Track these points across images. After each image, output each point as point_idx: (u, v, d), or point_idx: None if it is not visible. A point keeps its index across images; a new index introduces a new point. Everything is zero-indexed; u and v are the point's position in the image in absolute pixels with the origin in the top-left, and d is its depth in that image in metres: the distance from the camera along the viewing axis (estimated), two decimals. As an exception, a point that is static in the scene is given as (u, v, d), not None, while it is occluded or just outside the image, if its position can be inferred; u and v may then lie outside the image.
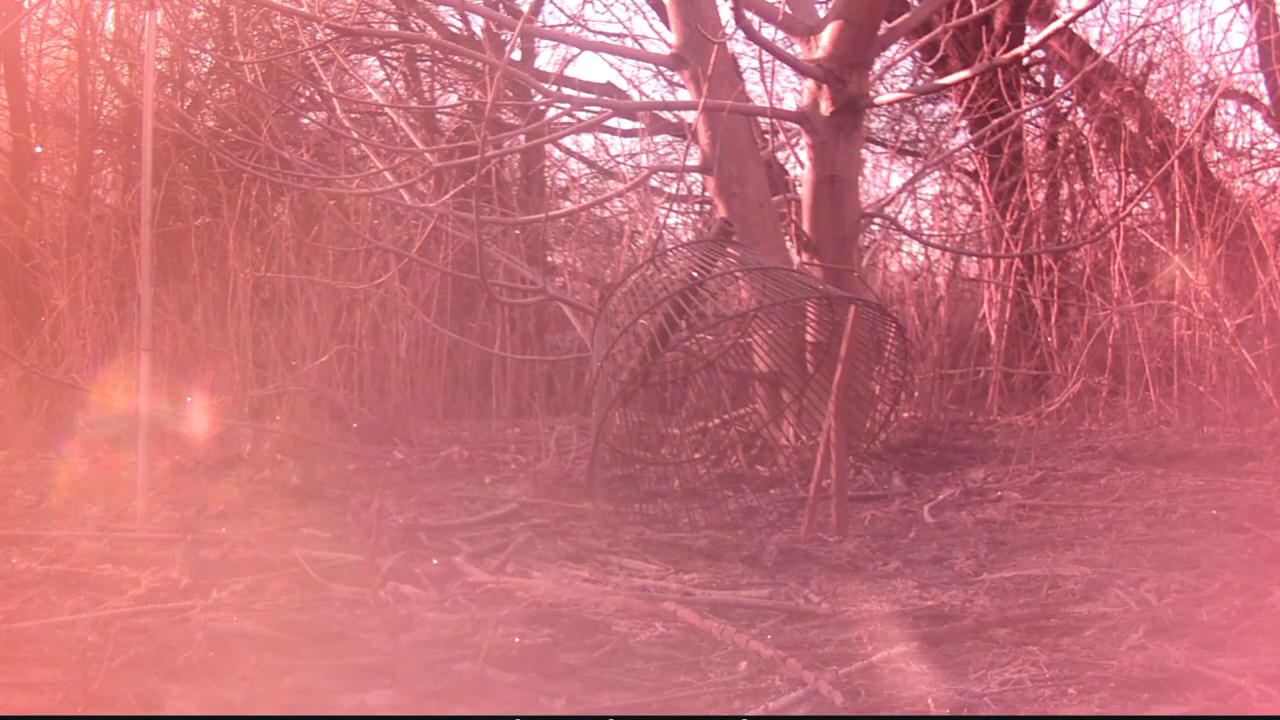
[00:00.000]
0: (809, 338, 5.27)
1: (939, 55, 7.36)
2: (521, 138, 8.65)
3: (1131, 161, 7.94)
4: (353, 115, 8.92)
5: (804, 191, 6.03)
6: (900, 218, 8.32)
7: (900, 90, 9.12)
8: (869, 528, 4.31)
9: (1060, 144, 9.33)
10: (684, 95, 6.66)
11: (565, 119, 7.44)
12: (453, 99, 10.86)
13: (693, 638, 2.87)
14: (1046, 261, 7.82)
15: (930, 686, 2.44)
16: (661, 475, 4.91)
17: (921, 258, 9.01)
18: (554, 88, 7.07)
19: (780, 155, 8.25)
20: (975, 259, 8.62)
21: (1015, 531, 4.18)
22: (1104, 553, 3.69)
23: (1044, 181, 9.09)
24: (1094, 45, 8.51)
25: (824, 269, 5.64)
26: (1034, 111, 8.97)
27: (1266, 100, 8.36)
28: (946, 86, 7.23)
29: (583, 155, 10.50)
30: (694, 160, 6.03)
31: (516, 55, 9.82)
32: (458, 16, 10.14)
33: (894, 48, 7.58)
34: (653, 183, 8.45)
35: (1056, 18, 8.04)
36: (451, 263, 7.39)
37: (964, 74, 6.58)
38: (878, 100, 6.86)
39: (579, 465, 5.35)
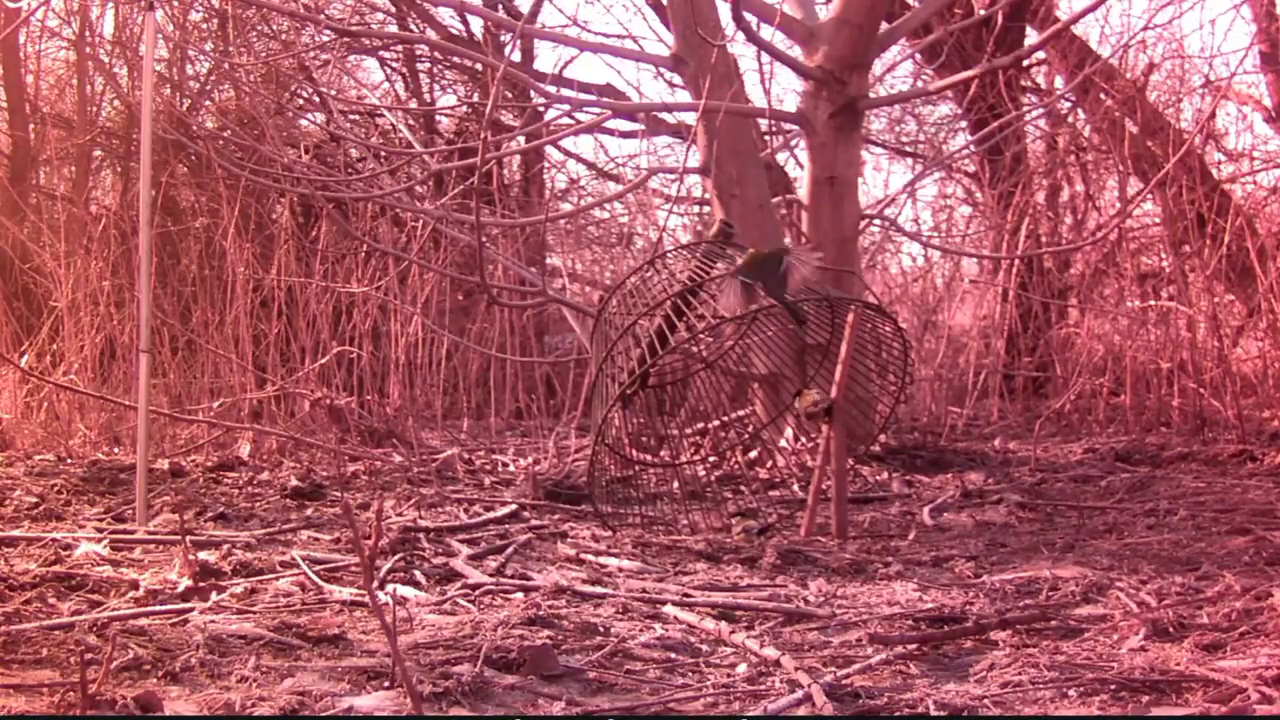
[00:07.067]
0: (809, 339, 5.27)
1: (941, 60, 7.35)
2: (521, 139, 8.65)
3: (1132, 163, 7.94)
4: (351, 117, 8.90)
5: (804, 193, 6.03)
6: (900, 219, 8.33)
7: (900, 91, 9.12)
8: (868, 529, 4.31)
9: (1060, 145, 9.33)
10: (684, 96, 6.66)
11: (565, 120, 7.43)
12: (451, 100, 10.87)
13: (692, 639, 2.86)
14: (1047, 263, 7.82)
15: (930, 688, 2.44)
16: (661, 477, 4.91)
17: (921, 260, 9.02)
18: (553, 89, 7.07)
19: (780, 157, 8.25)
20: (976, 260, 8.62)
21: (1015, 533, 4.18)
22: (1104, 554, 3.68)
23: (1044, 183, 9.10)
24: (1094, 47, 8.52)
25: (824, 270, 5.64)
26: (1034, 113, 8.97)
27: (1267, 101, 8.36)
28: (946, 88, 7.23)
29: (582, 157, 10.52)
30: (694, 162, 6.03)
31: (516, 56, 9.82)
32: (457, 17, 10.14)
33: (894, 49, 7.58)
34: (653, 184, 8.45)
35: (1057, 20, 8.04)
36: (451, 264, 7.39)
37: (964, 75, 6.57)
38: (877, 101, 6.86)
39: (578, 467, 5.35)
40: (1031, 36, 8.90)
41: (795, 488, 5.09)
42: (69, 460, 5.40)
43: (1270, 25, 7.99)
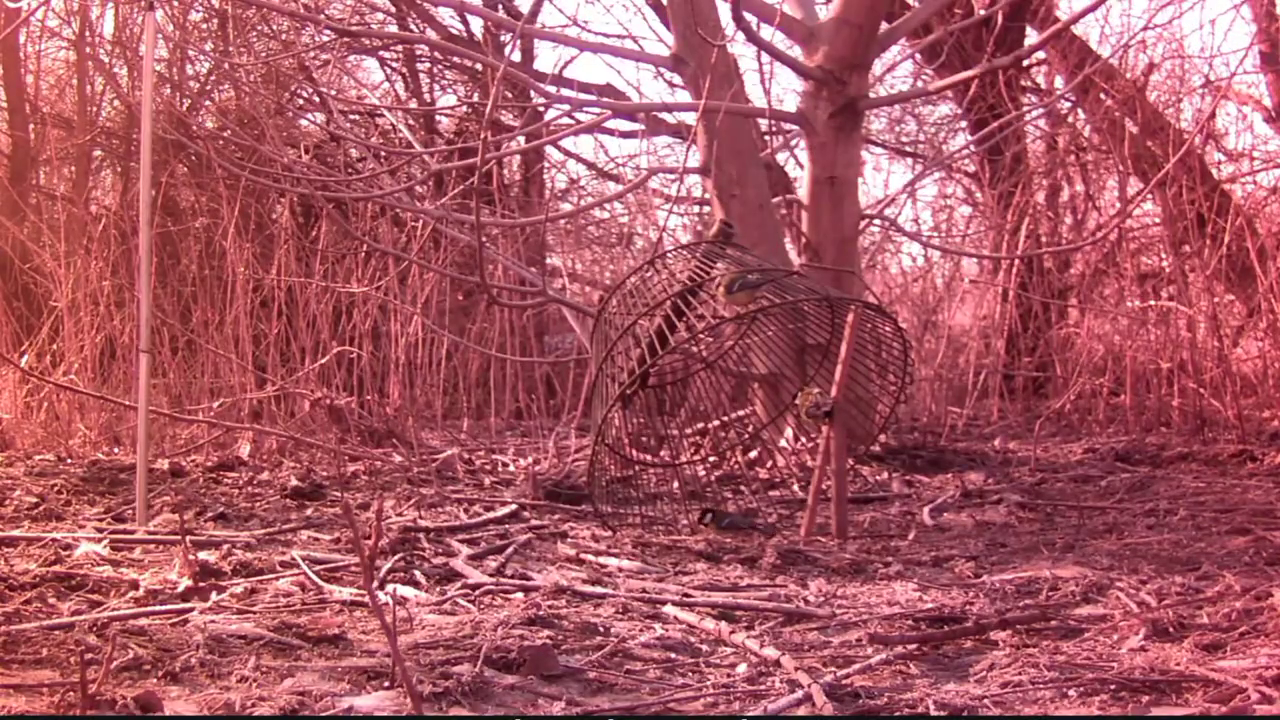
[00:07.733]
0: (809, 339, 5.27)
1: (941, 60, 7.35)
2: (521, 139, 8.65)
3: (1132, 163, 7.94)
4: (351, 116, 8.89)
5: (804, 193, 6.03)
6: (900, 219, 8.33)
7: (900, 91, 9.12)
8: (868, 529, 4.31)
9: (1060, 145, 9.33)
10: (684, 96, 6.66)
11: (565, 120, 7.43)
12: (451, 100, 10.87)
13: (692, 639, 2.87)
14: (1047, 263, 7.81)
15: (930, 688, 2.44)
16: (661, 477, 4.91)
17: (921, 260, 9.02)
18: (553, 89, 7.07)
19: (780, 157, 8.25)
20: (976, 260, 8.62)
21: (1015, 533, 4.19)
22: (1104, 554, 3.69)
23: (1044, 183, 9.09)
24: (1094, 47, 8.52)
25: (824, 270, 5.64)
26: (1034, 113, 8.96)
27: (1267, 101, 8.36)
28: (946, 88, 7.24)
29: (582, 157, 10.52)
30: (694, 162, 6.02)
31: (516, 56, 9.82)
32: (457, 17, 10.14)
33: (894, 49, 7.56)
34: (653, 184, 8.44)
35: (1057, 20, 8.04)
36: (451, 264, 7.38)
37: (964, 75, 6.57)
38: (877, 101, 6.85)
39: (578, 467, 5.35)
40: (1031, 36, 8.90)
41: (795, 488, 5.09)
42: (69, 460, 5.40)
43: (1270, 25, 7.98)
